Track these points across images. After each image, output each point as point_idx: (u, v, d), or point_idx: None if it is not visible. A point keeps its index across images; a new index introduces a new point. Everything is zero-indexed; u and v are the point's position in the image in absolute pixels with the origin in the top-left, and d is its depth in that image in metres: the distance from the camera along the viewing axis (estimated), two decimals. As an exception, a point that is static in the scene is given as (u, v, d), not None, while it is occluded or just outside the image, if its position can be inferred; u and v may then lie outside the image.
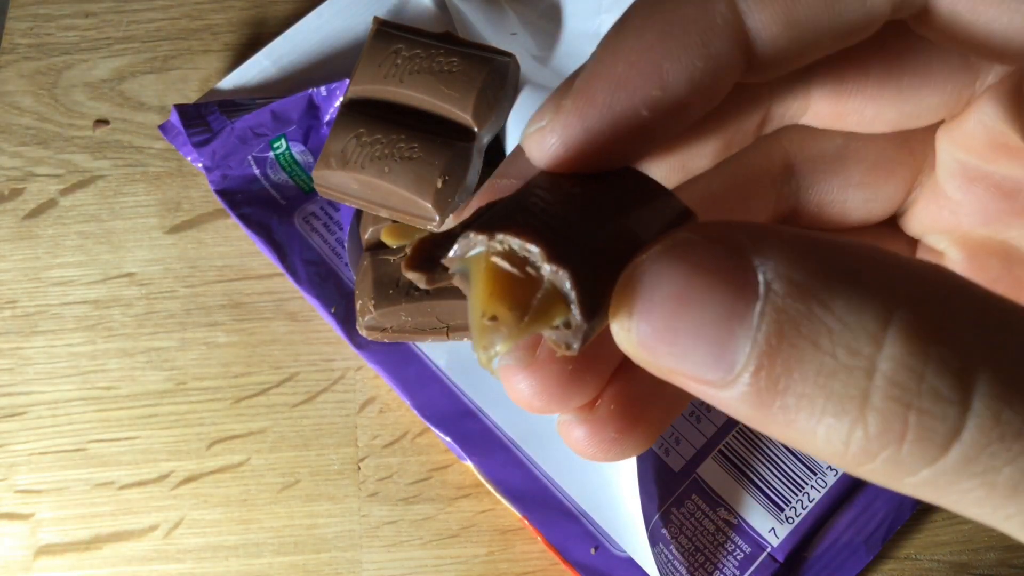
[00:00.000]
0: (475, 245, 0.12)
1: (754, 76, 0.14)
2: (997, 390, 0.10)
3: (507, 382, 0.15)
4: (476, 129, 0.35)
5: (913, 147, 0.17)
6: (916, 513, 0.36)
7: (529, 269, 0.12)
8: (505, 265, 0.12)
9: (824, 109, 0.16)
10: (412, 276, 0.13)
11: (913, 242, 0.18)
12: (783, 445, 0.37)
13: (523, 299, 0.12)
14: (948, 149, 0.16)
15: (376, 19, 0.38)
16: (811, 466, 0.37)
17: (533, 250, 0.12)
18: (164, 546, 0.37)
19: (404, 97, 0.36)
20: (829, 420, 0.10)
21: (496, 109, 0.36)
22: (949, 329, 0.10)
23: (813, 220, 0.18)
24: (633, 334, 0.11)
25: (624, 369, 0.16)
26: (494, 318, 0.12)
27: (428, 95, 0.36)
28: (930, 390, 0.10)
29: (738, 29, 0.13)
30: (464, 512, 0.37)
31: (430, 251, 0.13)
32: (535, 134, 0.14)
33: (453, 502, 0.37)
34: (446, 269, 0.13)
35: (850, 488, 0.36)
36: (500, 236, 0.12)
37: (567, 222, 0.13)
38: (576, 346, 0.12)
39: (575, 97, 0.13)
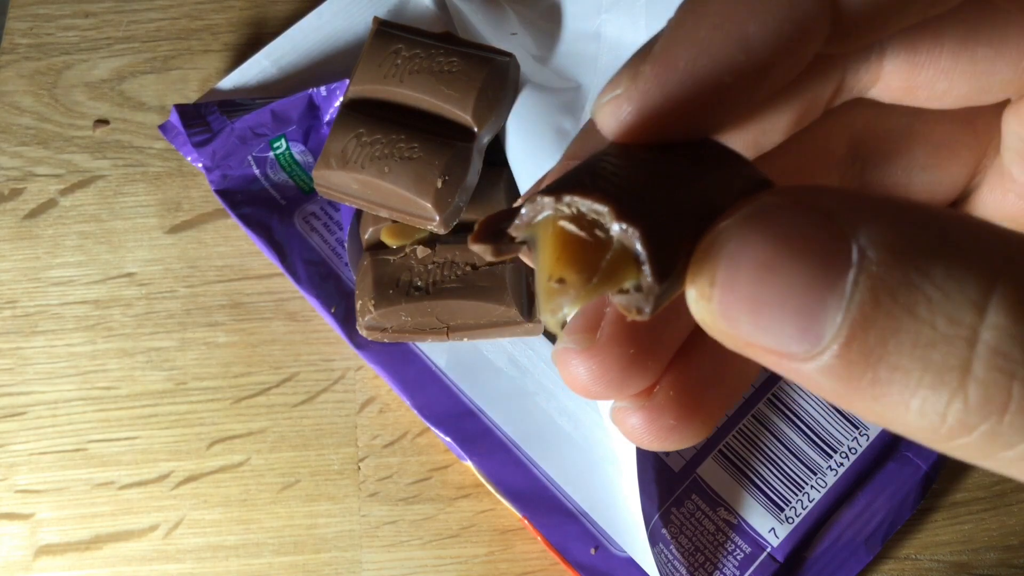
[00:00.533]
0: (543, 209, 0.12)
1: (837, 46, 0.13)
2: None
3: (564, 367, 0.15)
4: (476, 129, 0.35)
5: (978, 128, 0.17)
6: (916, 513, 0.37)
7: (599, 232, 0.12)
8: (573, 228, 0.12)
9: (895, 82, 0.16)
10: (478, 248, 0.13)
11: None
12: (784, 446, 0.37)
13: (592, 262, 0.12)
14: (1016, 130, 0.16)
15: (376, 19, 0.38)
16: (811, 466, 0.37)
17: (602, 210, 0.11)
18: (164, 546, 0.37)
19: (404, 97, 0.36)
20: (925, 392, 0.10)
21: (496, 109, 0.36)
22: None
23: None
24: (715, 303, 0.11)
25: (684, 355, 0.15)
26: (561, 280, 0.12)
27: (428, 95, 0.36)
28: None
29: None
30: (464, 512, 0.37)
31: (496, 223, 0.13)
32: (609, 103, 0.13)
33: (453, 502, 0.37)
34: (513, 240, 0.13)
35: (850, 488, 0.36)
36: (568, 198, 0.12)
37: (639, 184, 0.12)
38: (648, 310, 0.12)
39: (655, 62, 0.13)
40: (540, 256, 0.12)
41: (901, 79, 0.15)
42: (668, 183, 0.12)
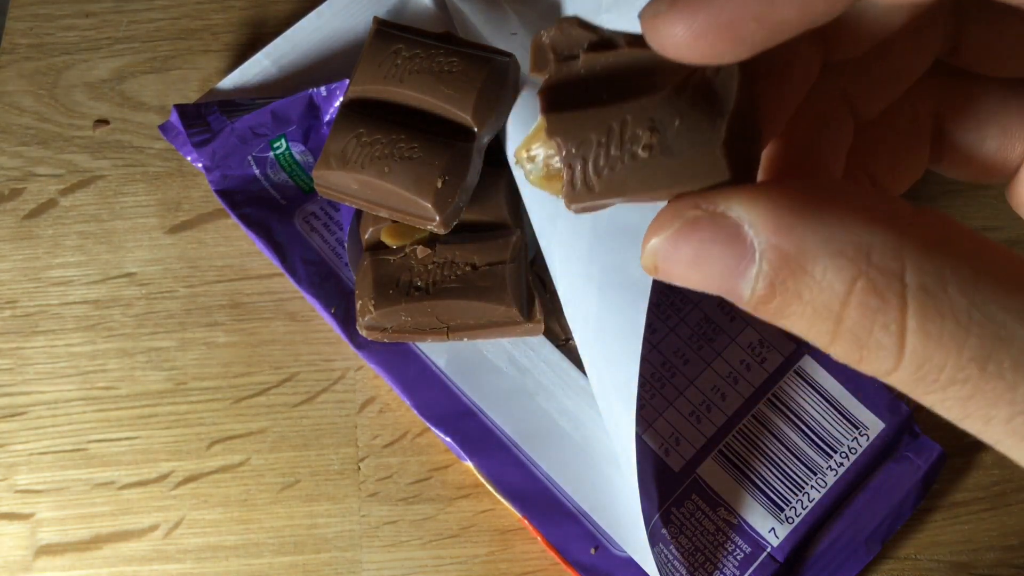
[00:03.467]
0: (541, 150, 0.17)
1: None
2: (920, 344, 0.13)
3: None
4: (476, 129, 0.35)
5: None
6: (916, 513, 0.37)
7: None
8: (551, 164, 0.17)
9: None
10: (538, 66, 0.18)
11: None
12: (784, 446, 0.37)
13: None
14: None
15: (376, 19, 0.38)
16: (811, 466, 0.37)
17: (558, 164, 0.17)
18: (164, 546, 0.37)
19: (404, 97, 0.36)
20: (812, 338, 0.14)
21: (496, 109, 0.36)
22: (893, 291, 0.13)
23: (972, 62, 0.19)
24: (660, 275, 0.16)
25: None
26: (531, 159, 0.17)
27: (428, 95, 0.36)
28: (875, 341, 0.14)
29: None
30: (464, 512, 0.37)
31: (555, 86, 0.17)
32: (652, 19, 0.15)
33: (453, 502, 0.37)
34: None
35: (850, 488, 0.36)
36: (557, 141, 0.16)
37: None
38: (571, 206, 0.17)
39: None
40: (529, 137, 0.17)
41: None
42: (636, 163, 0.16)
